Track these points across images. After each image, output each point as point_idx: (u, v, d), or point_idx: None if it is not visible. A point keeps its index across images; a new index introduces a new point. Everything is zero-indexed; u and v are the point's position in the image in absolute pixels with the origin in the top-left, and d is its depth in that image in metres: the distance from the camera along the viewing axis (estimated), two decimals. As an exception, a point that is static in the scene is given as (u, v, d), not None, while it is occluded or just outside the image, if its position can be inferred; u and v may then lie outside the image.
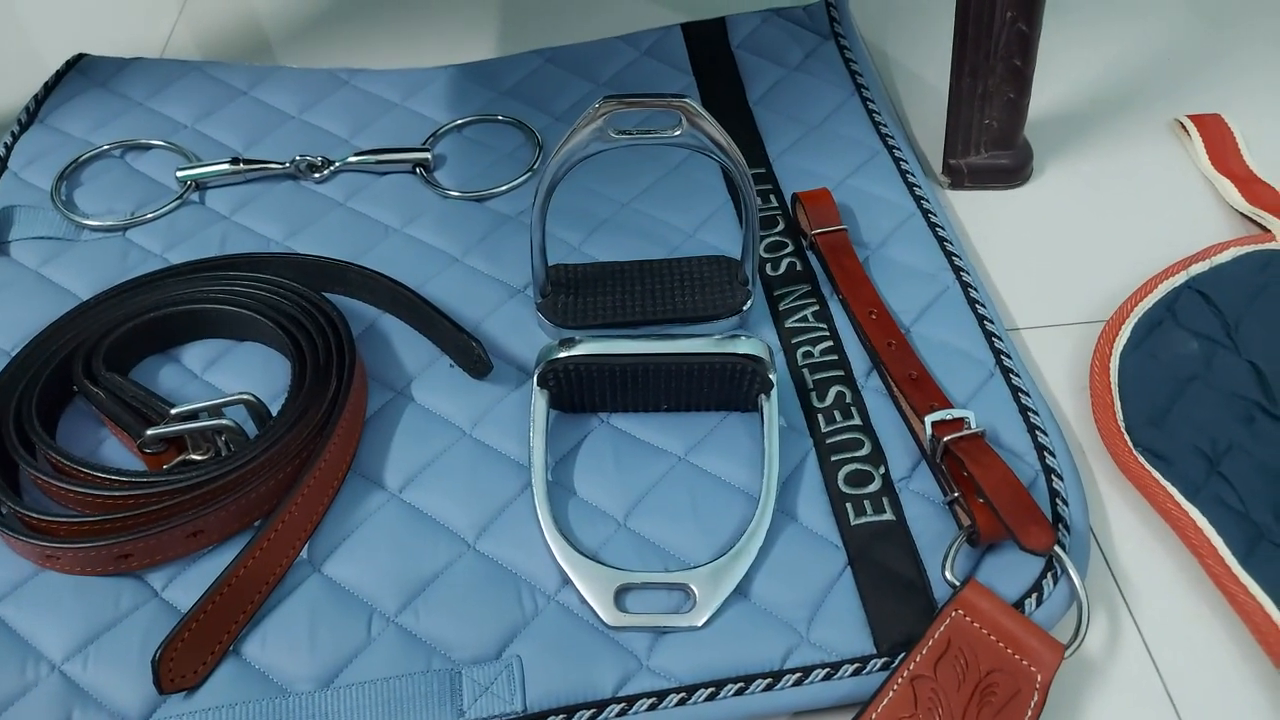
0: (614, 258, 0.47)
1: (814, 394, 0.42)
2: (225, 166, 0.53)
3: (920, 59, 0.62)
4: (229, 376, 0.45)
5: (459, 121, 0.56)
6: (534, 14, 0.68)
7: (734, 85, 0.57)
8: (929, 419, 0.38)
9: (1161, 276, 0.47)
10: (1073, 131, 0.57)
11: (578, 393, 0.40)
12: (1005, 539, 0.36)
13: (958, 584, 0.35)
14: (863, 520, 0.38)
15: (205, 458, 0.40)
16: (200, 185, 0.54)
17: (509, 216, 0.51)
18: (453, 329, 0.42)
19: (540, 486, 0.38)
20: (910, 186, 0.50)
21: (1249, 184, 0.51)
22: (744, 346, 0.39)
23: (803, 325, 0.45)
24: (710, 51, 0.59)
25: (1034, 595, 0.35)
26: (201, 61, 0.62)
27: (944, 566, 0.36)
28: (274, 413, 0.41)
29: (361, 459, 0.41)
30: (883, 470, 0.39)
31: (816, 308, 0.45)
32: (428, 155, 0.53)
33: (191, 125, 0.57)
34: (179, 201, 0.53)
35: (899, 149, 0.53)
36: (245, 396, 0.40)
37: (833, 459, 0.40)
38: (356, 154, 0.54)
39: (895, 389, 0.41)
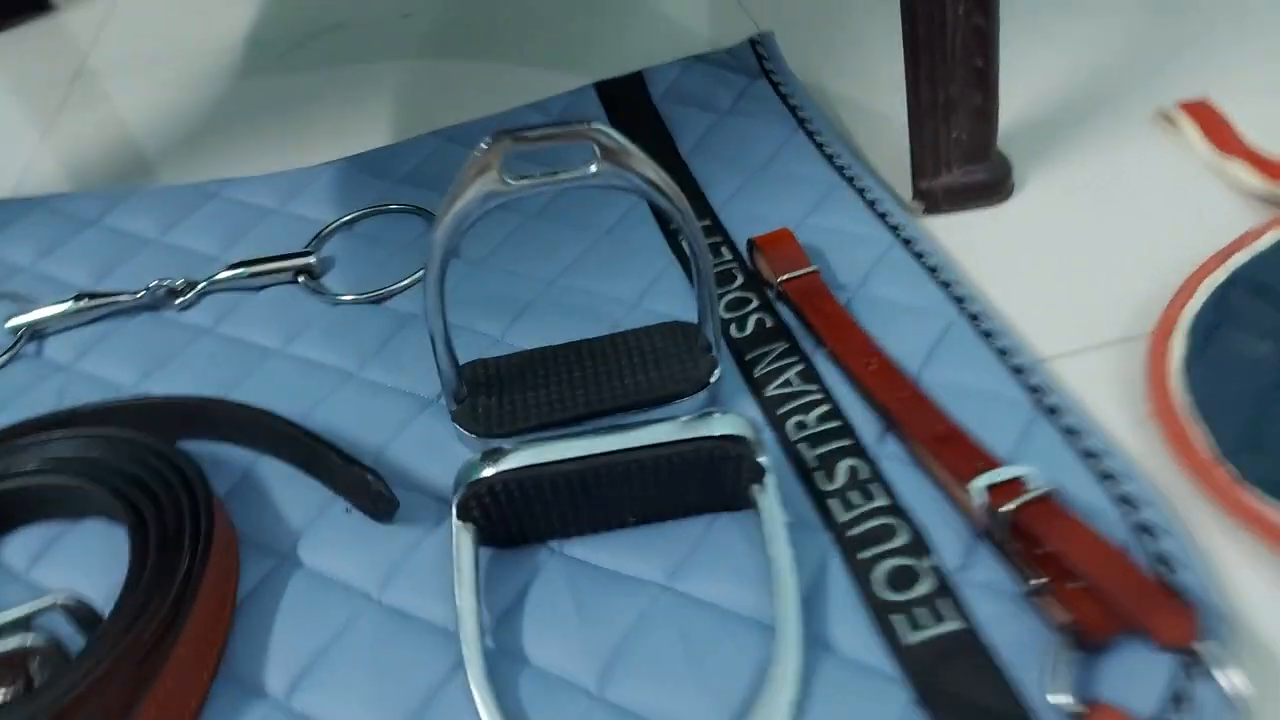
0: (547, 343, 0.38)
1: (819, 474, 0.33)
2: (67, 306, 0.44)
3: (864, 90, 0.56)
4: (62, 569, 0.34)
5: (347, 217, 0.47)
6: (428, 94, 0.61)
7: (662, 138, 0.50)
8: (977, 484, 0.29)
9: (1199, 276, 0.39)
10: (1049, 138, 0.50)
11: (514, 520, 0.30)
12: (1120, 634, 0.26)
13: (1077, 709, 0.25)
14: (920, 636, 0.28)
15: (7, 699, 0.28)
16: (38, 333, 0.44)
17: (412, 315, 0.42)
18: (342, 462, 0.33)
19: (475, 660, 0.27)
20: (881, 216, 0.43)
21: (1263, 162, 0.45)
22: (720, 425, 0.30)
23: (788, 391, 0.36)
24: (630, 107, 0.52)
25: (1178, 705, 0.25)
26: (46, 195, 0.53)
27: (1047, 684, 0.26)
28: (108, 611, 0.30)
29: (232, 658, 0.30)
30: (931, 562, 0.29)
31: (801, 367, 0.36)
32: (311, 259, 0.44)
33: (31, 266, 0.48)
34: (9, 355, 0.43)
35: (859, 178, 0.45)
36: (59, 600, 0.29)
37: (861, 556, 0.30)
38: (227, 268, 0.45)
39: (922, 452, 0.32)
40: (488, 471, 0.29)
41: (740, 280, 0.41)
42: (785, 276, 0.38)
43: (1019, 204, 0.46)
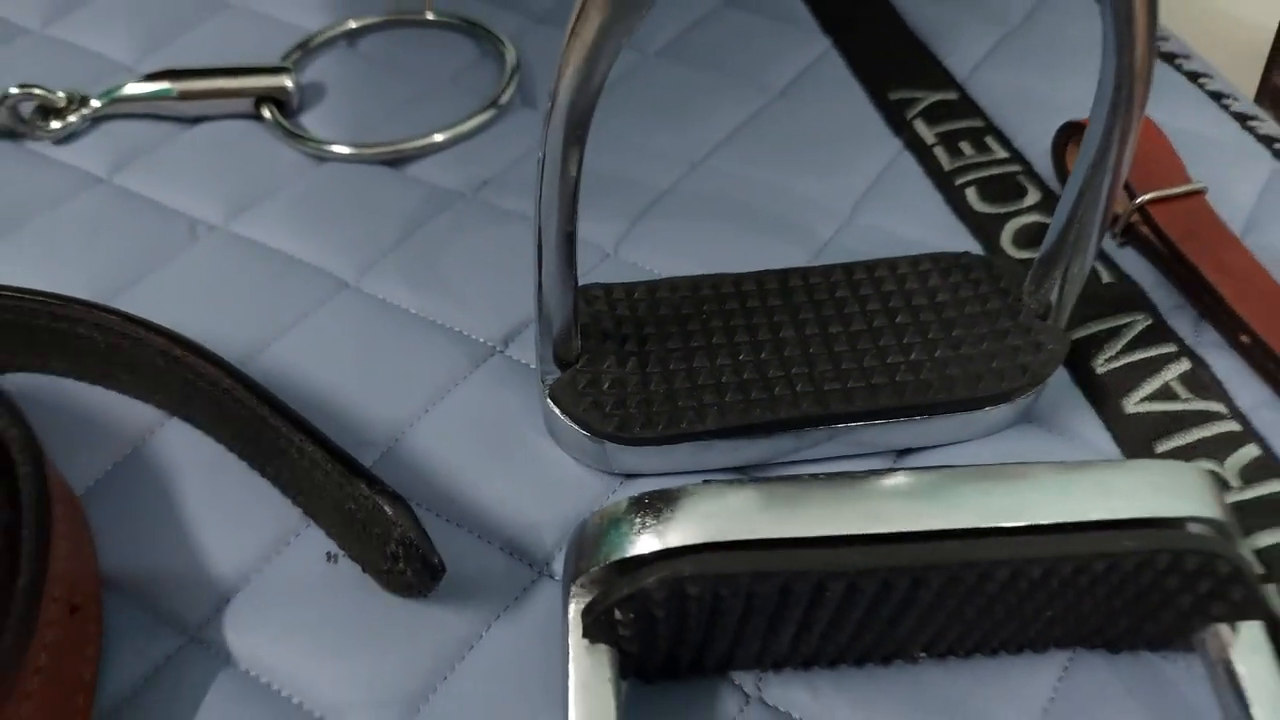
0: (693, 268, 0.21)
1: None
2: None
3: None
4: None
5: (348, 26, 0.29)
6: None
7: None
8: None
9: None
10: None
11: (694, 641, 0.14)
12: None
13: None
14: None
15: None
16: None
17: (454, 194, 0.24)
18: (346, 475, 0.16)
19: None
20: (1243, 120, 0.26)
21: None
22: (1168, 492, 0.13)
23: (1171, 409, 0.19)
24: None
25: None
26: None
27: None
28: None
29: None
30: None
31: (1185, 366, 0.20)
32: (286, 82, 0.27)
33: None
34: None
35: (1182, 55, 0.29)
36: None
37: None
38: (143, 79, 0.27)
39: None
40: (647, 549, 0.13)
41: (1035, 195, 0.24)
42: (1149, 196, 0.22)
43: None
